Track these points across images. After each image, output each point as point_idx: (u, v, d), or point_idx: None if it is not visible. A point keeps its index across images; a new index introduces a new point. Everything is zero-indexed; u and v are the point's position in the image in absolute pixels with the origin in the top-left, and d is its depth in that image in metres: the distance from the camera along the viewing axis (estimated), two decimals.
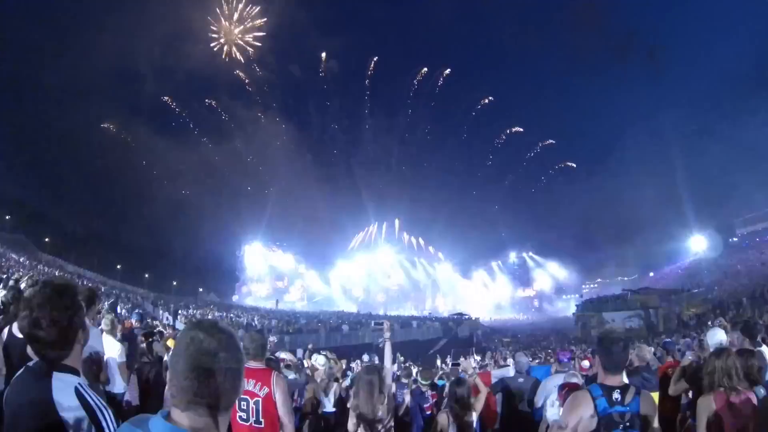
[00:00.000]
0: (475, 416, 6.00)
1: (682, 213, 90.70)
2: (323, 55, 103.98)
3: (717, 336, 6.67)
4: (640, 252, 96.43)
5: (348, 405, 5.92)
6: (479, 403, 6.29)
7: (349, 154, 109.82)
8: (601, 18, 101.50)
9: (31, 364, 2.36)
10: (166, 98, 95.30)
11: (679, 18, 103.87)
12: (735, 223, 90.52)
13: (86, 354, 4.66)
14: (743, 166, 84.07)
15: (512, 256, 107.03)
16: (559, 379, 6.91)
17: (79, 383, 2.29)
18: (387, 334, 6.66)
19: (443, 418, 5.88)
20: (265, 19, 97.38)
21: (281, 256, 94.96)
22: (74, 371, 2.35)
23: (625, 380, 3.70)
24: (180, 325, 28.84)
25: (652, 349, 10.80)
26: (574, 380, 6.47)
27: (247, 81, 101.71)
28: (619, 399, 3.55)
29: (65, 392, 2.22)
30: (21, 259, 46.51)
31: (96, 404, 2.26)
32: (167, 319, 37.13)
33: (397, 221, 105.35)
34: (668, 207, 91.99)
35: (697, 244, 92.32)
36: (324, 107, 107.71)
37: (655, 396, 6.90)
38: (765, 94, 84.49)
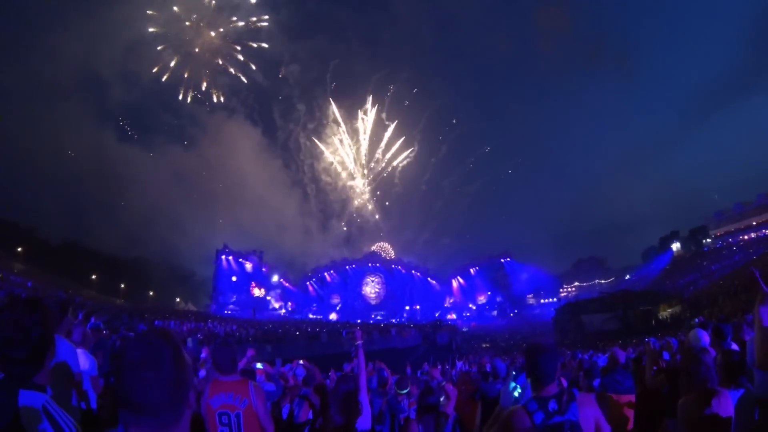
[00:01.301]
0: (442, 425, 5.93)
1: (658, 216, 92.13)
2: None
3: (701, 337, 6.71)
4: (617, 255, 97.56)
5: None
6: (449, 409, 6.25)
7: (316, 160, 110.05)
8: (570, 23, 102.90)
9: None
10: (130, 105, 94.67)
11: (649, 24, 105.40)
12: (709, 225, 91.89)
13: (58, 369, 4.53)
14: (717, 169, 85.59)
15: (490, 261, 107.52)
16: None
17: (46, 401, 2.20)
18: (359, 342, 6.60)
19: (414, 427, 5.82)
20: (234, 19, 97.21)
21: (258, 265, 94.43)
22: (42, 388, 2.26)
23: (555, 389, 3.63)
24: None
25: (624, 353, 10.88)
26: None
27: (213, 89, 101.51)
28: (557, 408, 3.46)
29: (32, 410, 2.13)
30: None
31: (64, 422, 2.18)
32: (144, 330, 36.71)
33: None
34: (644, 211, 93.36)
35: (673, 247, 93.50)
36: (288, 113, 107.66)
37: (630, 398, 6.94)
38: (737, 98, 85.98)
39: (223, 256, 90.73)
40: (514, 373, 5.90)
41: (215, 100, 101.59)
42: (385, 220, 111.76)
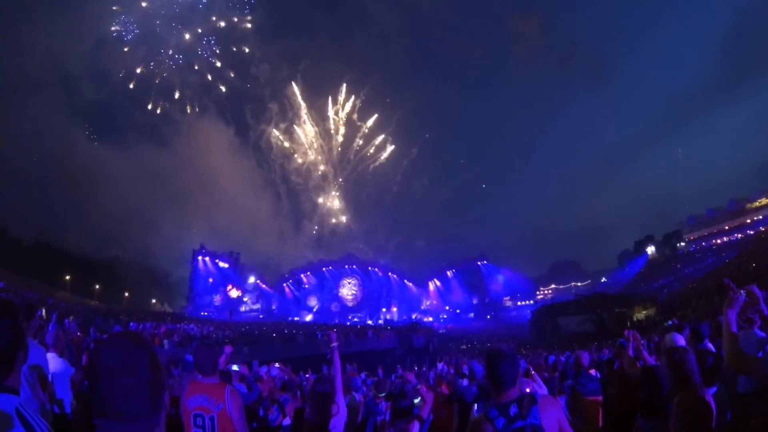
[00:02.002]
0: (418, 426, 5.92)
1: (633, 221, 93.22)
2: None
3: (676, 340, 6.81)
4: (592, 258, 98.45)
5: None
6: (424, 412, 6.26)
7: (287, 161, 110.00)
8: (544, 30, 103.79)
9: None
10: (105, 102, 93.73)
11: (624, 31, 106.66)
12: (683, 230, 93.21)
13: (30, 373, 4.48)
14: (690, 175, 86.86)
15: (466, 264, 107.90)
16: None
17: (20, 404, 2.17)
18: (334, 344, 6.60)
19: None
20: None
21: (234, 266, 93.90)
22: (14, 391, 2.22)
23: (516, 394, 3.65)
24: None
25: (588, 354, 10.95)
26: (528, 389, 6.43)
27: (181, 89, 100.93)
28: (517, 413, 3.48)
29: (6, 414, 2.10)
30: None
31: (38, 425, 2.15)
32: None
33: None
34: (619, 215, 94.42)
35: (648, 250, 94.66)
36: (260, 113, 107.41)
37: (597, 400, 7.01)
38: (709, 106, 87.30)
39: (200, 257, 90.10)
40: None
41: (188, 110, 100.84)
42: (357, 222, 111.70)
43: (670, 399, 4.48)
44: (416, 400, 6.76)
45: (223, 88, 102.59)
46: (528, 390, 5.92)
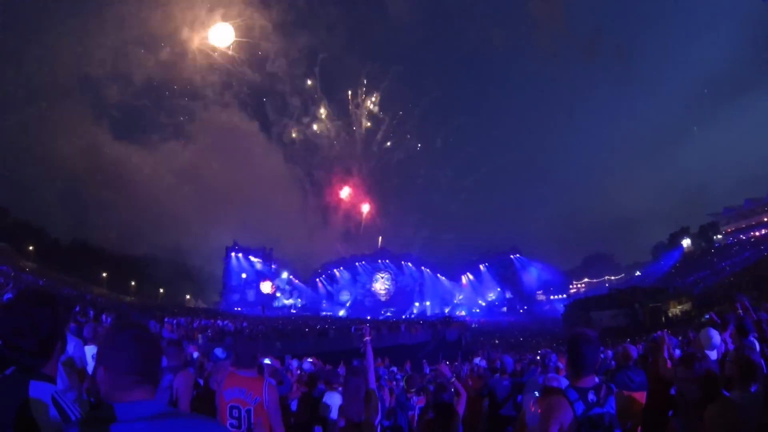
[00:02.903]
0: (456, 421, 5.93)
1: (667, 212, 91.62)
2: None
3: (711, 336, 6.71)
4: (626, 251, 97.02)
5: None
6: (460, 407, 6.25)
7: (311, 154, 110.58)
8: (562, 15, 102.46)
9: (7, 372, 2.30)
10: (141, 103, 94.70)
11: (652, 15, 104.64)
12: (719, 222, 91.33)
13: (69, 363, 4.60)
14: (726, 165, 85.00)
15: (500, 258, 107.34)
16: (542, 379, 6.86)
17: (56, 391, 2.25)
18: (367, 338, 6.62)
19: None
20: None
21: (266, 262, 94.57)
22: (51, 380, 2.31)
23: (594, 381, 3.62)
24: (169, 334, 28.57)
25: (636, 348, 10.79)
26: (554, 383, 6.39)
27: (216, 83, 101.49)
28: (596, 400, 3.48)
29: (42, 401, 2.18)
30: (4, 268, 45.96)
31: (72, 412, 2.22)
32: (155, 327, 36.75)
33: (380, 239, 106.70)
34: (653, 207, 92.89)
35: (683, 243, 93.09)
36: (281, 107, 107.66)
37: (642, 395, 6.90)
38: (745, 91, 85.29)
39: (233, 253, 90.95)
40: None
41: (210, 107, 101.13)
42: (385, 216, 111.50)
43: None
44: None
45: (244, 83, 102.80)
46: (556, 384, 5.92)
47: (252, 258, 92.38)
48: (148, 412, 1.90)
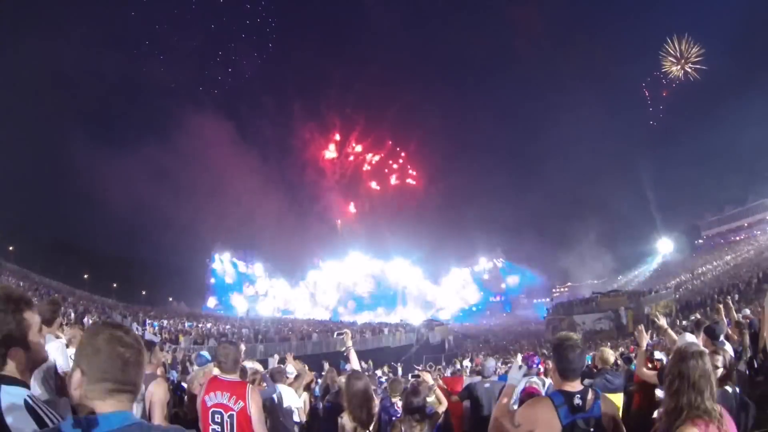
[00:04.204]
0: (427, 427, 5.87)
1: (650, 217, 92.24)
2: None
3: (689, 338, 6.76)
4: (609, 255, 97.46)
5: (320, 413, 5.85)
6: (440, 412, 6.24)
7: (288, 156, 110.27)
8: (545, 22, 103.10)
9: None
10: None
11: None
12: (701, 226, 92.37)
13: (46, 367, 4.54)
14: (708, 169, 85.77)
15: (482, 262, 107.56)
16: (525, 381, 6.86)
17: (28, 395, 2.19)
18: (349, 343, 6.61)
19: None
20: None
21: (250, 265, 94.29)
22: (22, 384, 2.24)
23: (579, 386, 3.65)
24: (149, 336, 28.37)
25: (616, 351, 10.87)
26: (536, 386, 6.39)
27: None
28: (581, 404, 3.48)
29: (14, 406, 2.12)
30: None
31: (48, 417, 2.17)
32: (137, 329, 36.46)
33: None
34: (636, 211, 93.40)
35: (665, 247, 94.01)
36: (258, 109, 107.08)
37: (619, 397, 6.94)
38: (727, 98, 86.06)
39: (216, 255, 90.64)
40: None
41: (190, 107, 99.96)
42: (368, 219, 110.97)
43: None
44: (430, 399, 6.75)
45: (221, 83, 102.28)
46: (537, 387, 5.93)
47: (235, 260, 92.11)
48: (116, 424, 1.81)
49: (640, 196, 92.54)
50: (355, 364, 6.34)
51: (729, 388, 4.79)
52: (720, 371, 4.88)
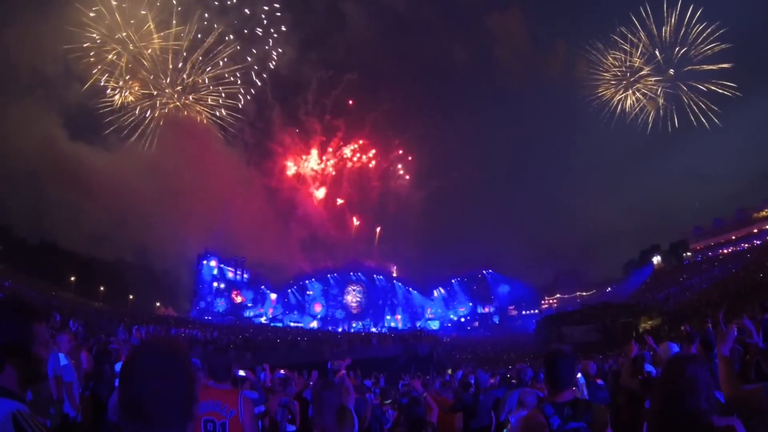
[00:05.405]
0: None
1: (639, 230, 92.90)
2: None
3: (671, 349, 6.74)
4: (597, 268, 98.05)
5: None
6: (433, 421, 6.23)
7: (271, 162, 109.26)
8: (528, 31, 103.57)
9: None
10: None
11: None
12: (689, 240, 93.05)
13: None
14: (697, 184, 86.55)
15: (472, 273, 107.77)
16: (518, 394, 6.85)
17: (18, 410, 2.07)
18: (342, 373, 6.59)
19: None
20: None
21: (239, 272, 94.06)
22: (11, 395, 2.14)
23: (570, 396, 3.68)
24: (136, 341, 28.08)
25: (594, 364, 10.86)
26: (530, 398, 6.39)
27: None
28: (571, 414, 3.52)
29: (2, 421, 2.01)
30: None
31: (33, 429, 2.05)
32: (124, 334, 36.07)
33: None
34: (624, 224, 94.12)
35: (653, 260, 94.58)
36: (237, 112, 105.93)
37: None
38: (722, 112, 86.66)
39: (205, 261, 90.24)
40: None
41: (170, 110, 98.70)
42: (358, 229, 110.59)
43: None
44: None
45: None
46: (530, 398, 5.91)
47: (223, 266, 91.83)
48: None
49: (630, 208, 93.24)
50: (347, 383, 6.29)
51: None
52: None
